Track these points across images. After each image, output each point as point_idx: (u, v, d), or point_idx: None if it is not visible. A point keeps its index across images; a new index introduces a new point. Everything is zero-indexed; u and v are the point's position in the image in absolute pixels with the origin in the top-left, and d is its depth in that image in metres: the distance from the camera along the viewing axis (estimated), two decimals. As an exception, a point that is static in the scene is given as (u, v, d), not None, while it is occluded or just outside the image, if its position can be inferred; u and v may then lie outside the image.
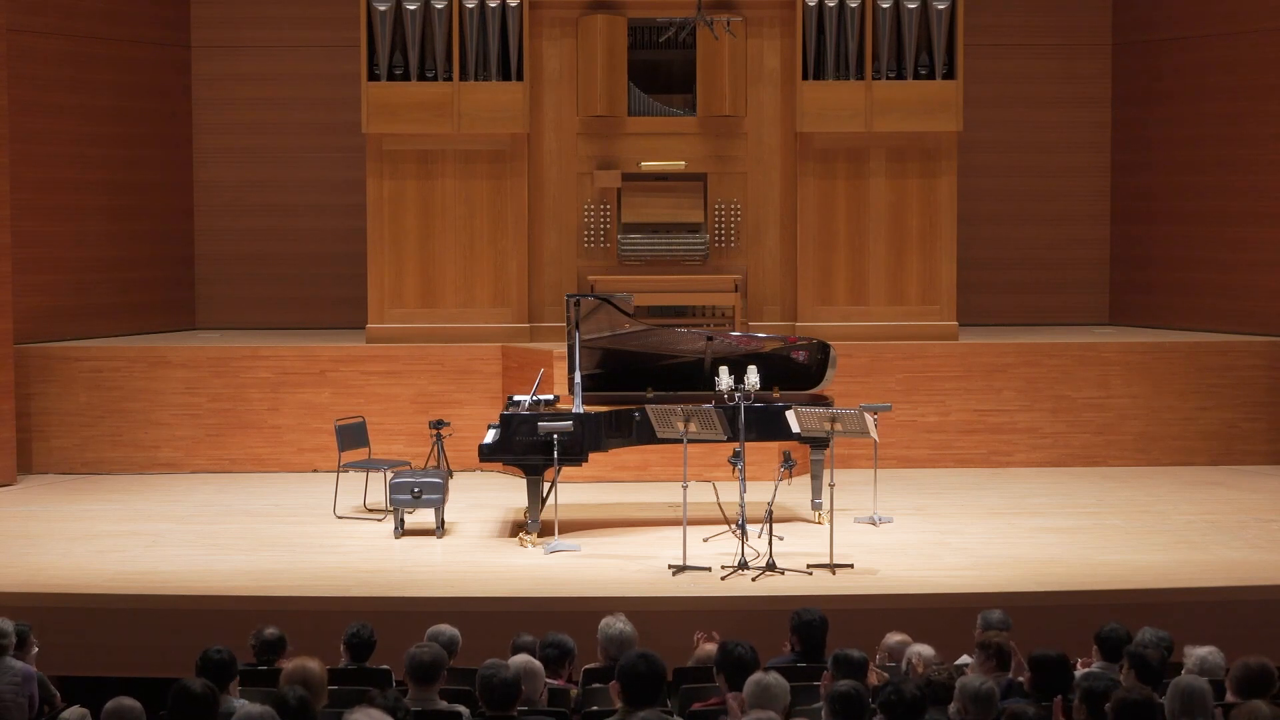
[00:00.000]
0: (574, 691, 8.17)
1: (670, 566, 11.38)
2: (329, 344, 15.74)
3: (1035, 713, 6.61)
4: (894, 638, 8.70)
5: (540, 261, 15.97)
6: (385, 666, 8.66)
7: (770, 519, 11.41)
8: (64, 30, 15.84)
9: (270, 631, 8.73)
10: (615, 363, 12.91)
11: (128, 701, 6.68)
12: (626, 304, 12.76)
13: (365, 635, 8.66)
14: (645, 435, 12.22)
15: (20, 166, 14.96)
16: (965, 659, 8.45)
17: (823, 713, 6.86)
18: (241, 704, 6.87)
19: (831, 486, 11.96)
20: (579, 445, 12.19)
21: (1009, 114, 17.32)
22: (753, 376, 12.05)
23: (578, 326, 12.36)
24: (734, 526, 11.63)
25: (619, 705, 6.75)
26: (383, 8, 15.55)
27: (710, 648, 8.64)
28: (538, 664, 7.66)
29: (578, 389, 12.29)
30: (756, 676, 6.77)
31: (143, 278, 16.63)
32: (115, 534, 12.69)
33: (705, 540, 12.02)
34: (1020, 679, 7.69)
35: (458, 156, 15.82)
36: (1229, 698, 7.21)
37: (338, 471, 13.65)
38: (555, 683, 8.11)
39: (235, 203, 17.23)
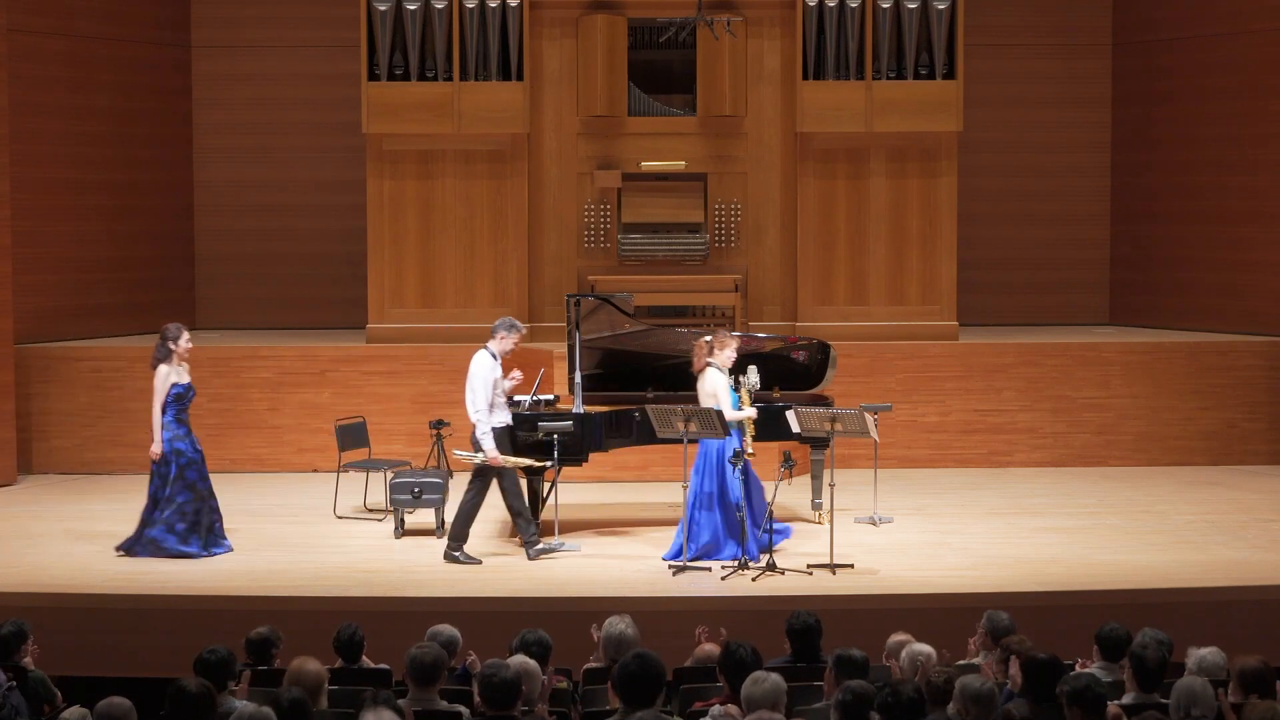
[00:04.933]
0: (562, 684, 8.16)
1: (670, 566, 11.38)
2: (329, 344, 15.73)
3: (1036, 715, 6.60)
4: (899, 638, 8.68)
5: (540, 261, 15.97)
6: (385, 666, 8.66)
7: (770, 519, 11.41)
8: (64, 30, 15.84)
9: (258, 631, 8.68)
10: (615, 363, 12.91)
11: (118, 700, 6.68)
12: (626, 304, 12.75)
13: (346, 636, 8.61)
14: (645, 435, 12.20)
15: (20, 166, 14.96)
16: (977, 659, 8.44)
17: (830, 712, 6.85)
18: (241, 704, 6.86)
19: (831, 486, 11.95)
20: (579, 445, 12.18)
21: (1009, 114, 17.30)
22: (753, 376, 12.05)
23: (578, 326, 12.35)
24: (734, 526, 11.63)
25: (617, 705, 6.75)
26: (383, 8, 15.55)
27: (709, 648, 8.63)
28: (535, 664, 7.66)
29: (578, 389, 12.28)
30: (753, 676, 6.78)
31: (143, 278, 16.62)
32: (115, 534, 12.63)
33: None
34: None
35: (458, 156, 15.82)
36: (1230, 698, 7.21)
37: (338, 471, 13.65)
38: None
39: (235, 203, 17.22)
